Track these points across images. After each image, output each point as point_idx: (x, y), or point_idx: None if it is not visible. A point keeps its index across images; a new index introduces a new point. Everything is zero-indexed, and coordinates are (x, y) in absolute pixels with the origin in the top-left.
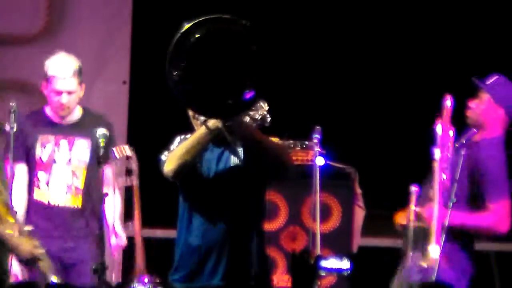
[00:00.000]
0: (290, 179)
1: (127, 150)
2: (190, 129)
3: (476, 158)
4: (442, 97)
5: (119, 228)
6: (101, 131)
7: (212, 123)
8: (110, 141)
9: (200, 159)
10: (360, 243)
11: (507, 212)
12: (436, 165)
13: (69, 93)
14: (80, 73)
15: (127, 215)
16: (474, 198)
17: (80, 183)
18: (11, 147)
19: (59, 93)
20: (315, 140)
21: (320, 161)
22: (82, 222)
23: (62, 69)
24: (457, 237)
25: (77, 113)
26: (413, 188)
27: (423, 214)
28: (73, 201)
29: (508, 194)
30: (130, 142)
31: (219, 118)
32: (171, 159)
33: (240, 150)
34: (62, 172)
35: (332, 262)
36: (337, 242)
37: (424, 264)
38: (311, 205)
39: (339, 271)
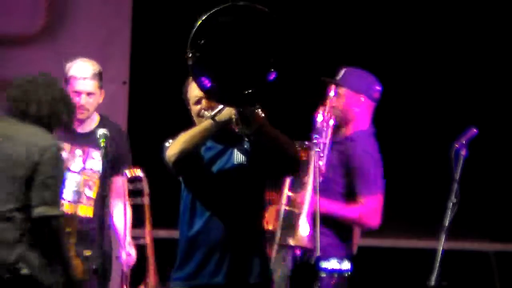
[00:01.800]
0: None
1: (138, 172)
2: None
3: (351, 153)
4: (440, 97)
5: (128, 245)
6: (101, 131)
7: (221, 117)
8: (124, 150)
9: (200, 150)
10: (360, 243)
11: (378, 206)
12: (313, 152)
13: (88, 94)
14: (100, 77)
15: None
16: (350, 193)
17: (92, 193)
18: None
19: (78, 94)
20: (315, 140)
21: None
22: (93, 232)
23: (82, 69)
24: (330, 226)
25: (94, 121)
26: None
27: (297, 199)
28: (84, 211)
29: (382, 190)
30: (130, 142)
31: (238, 105)
32: (173, 145)
33: (246, 146)
34: (74, 180)
35: (332, 263)
36: None
37: (292, 243)
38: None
39: (339, 272)
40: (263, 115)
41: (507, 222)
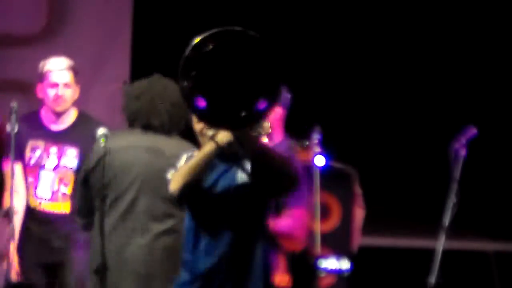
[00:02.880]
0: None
1: None
2: (188, 131)
3: None
4: (439, 96)
5: None
6: (101, 131)
7: (221, 137)
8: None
9: (205, 177)
10: (360, 243)
11: (302, 218)
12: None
13: (65, 85)
14: (75, 72)
15: None
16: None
17: (67, 189)
18: (12, 148)
19: (55, 85)
20: (315, 140)
21: (320, 161)
22: (69, 227)
23: (56, 63)
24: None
25: (71, 117)
26: None
27: None
28: (60, 207)
29: (304, 202)
30: None
31: (231, 129)
32: (176, 178)
33: (248, 166)
34: (49, 178)
35: (331, 263)
36: (337, 242)
37: None
38: (311, 205)
39: (338, 271)
40: (256, 134)
41: (507, 221)
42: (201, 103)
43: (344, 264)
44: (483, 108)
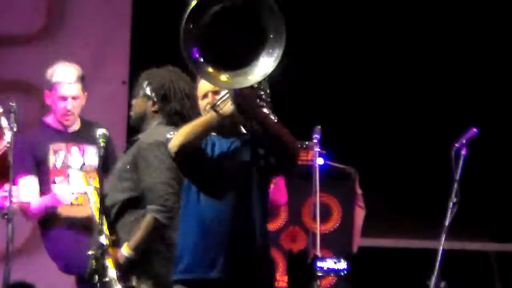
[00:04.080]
0: (292, 176)
1: None
2: None
3: None
4: (441, 97)
5: None
6: (101, 131)
7: (223, 108)
8: (111, 148)
9: (202, 145)
10: (360, 243)
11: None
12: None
13: (74, 98)
14: (83, 80)
15: None
16: None
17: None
18: (11, 149)
19: (65, 98)
20: (315, 140)
21: (320, 161)
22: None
23: (66, 74)
24: None
25: (77, 122)
26: None
27: None
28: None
29: None
30: (130, 141)
31: (232, 68)
32: (176, 137)
33: (249, 141)
34: (77, 176)
35: (329, 263)
36: (337, 242)
37: None
38: (311, 205)
39: (335, 271)
40: (267, 112)
41: (507, 222)
42: (196, 51)
43: (341, 265)
44: (484, 109)
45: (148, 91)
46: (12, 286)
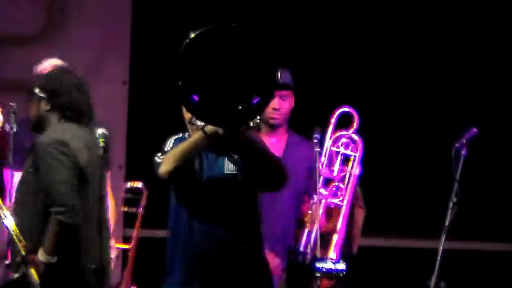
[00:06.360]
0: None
1: (139, 185)
2: (186, 129)
3: (312, 154)
4: (441, 97)
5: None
6: (100, 131)
7: (211, 129)
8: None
9: (193, 164)
10: (360, 243)
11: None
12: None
13: None
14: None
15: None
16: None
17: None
18: (11, 149)
19: None
20: (315, 140)
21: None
22: None
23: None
24: None
25: None
26: None
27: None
28: None
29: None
30: (130, 142)
31: (224, 127)
32: (166, 160)
33: (237, 158)
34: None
35: (327, 263)
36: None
37: None
38: (311, 205)
39: (334, 271)
40: (248, 130)
41: (507, 222)
42: (196, 100)
43: (340, 265)
44: (484, 109)
45: (37, 92)
46: (12, 286)
